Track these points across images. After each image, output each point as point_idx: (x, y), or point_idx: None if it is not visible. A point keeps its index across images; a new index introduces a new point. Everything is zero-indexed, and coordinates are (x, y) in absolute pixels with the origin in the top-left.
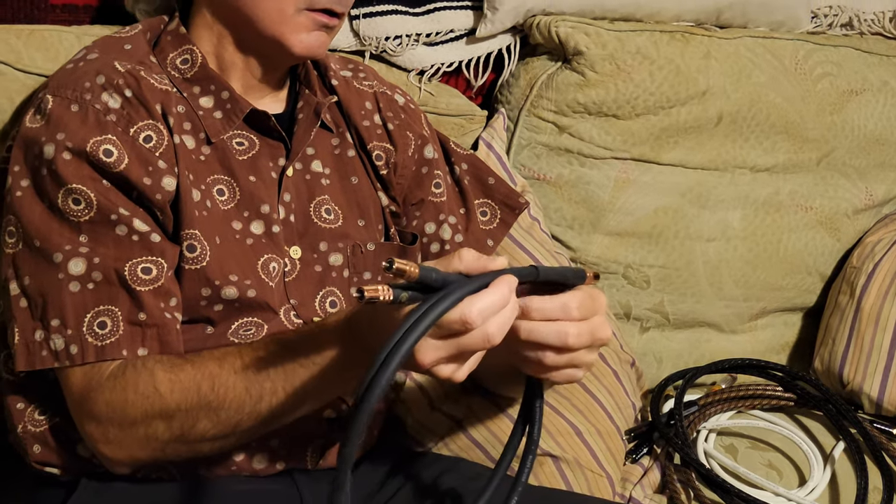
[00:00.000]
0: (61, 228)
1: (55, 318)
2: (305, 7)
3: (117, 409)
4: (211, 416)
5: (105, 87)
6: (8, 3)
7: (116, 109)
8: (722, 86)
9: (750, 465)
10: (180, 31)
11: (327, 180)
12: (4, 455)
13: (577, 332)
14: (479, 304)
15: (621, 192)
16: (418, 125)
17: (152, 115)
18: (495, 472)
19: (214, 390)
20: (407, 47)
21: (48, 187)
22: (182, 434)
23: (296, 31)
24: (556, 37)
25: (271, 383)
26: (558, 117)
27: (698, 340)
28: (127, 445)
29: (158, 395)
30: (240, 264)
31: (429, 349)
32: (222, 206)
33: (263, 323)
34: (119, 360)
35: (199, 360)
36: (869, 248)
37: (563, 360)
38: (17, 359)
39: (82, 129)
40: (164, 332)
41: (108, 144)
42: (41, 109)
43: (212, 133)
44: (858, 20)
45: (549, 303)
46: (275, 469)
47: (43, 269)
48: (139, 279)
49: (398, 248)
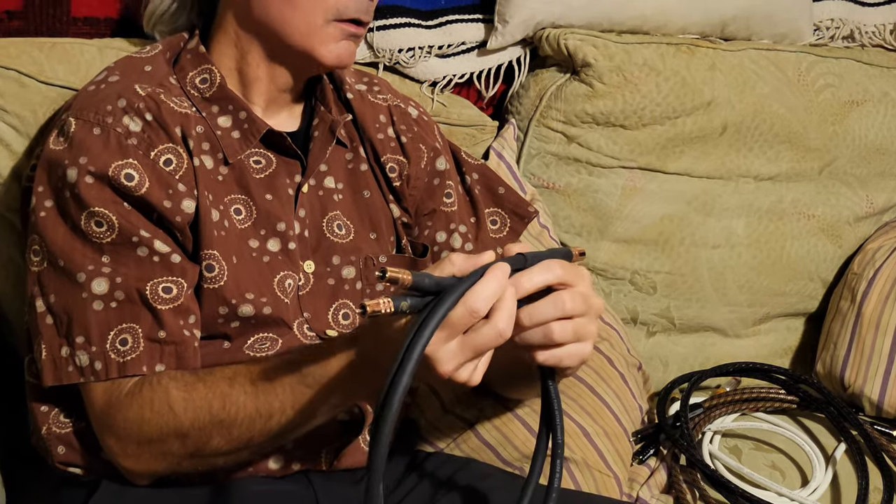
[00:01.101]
0: (84, 249)
1: (80, 336)
2: (334, 18)
3: (134, 426)
4: (223, 434)
5: (126, 110)
6: (30, 17)
7: (137, 133)
8: (726, 97)
9: (754, 466)
10: (200, 51)
11: (339, 195)
12: (27, 457)
13: (570, 295)
14: (480, 293)
15: (628, 200)
16: (431, 137)
17: (172, 139)
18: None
19: (226, 409)
20: (420, 59)
21: (71, 209)
22: (196, 450)
23: (325, 42)
24: (565, 49)
25: (280, 402)
26: (567, 127)
27: (703, 345)
28: (145, 460)
29: (173, 413)
30: (256, 282)
31: (447, 356)
32: (239, 224)
33: (278, 338)
34: (139, 375)
35: (212, 379)
36: (870, 254)
37: (569, 329)
38: (45, 374)
39: (104, 153)
40: (182, 349)
41: (130, 168)
42: (64, 132)
43: (229, 153)
44: (860, 33)
45: (536, 274)
46: (290, 470)
47: (67, 287)
48: (160, 298)
49: (409, 260)
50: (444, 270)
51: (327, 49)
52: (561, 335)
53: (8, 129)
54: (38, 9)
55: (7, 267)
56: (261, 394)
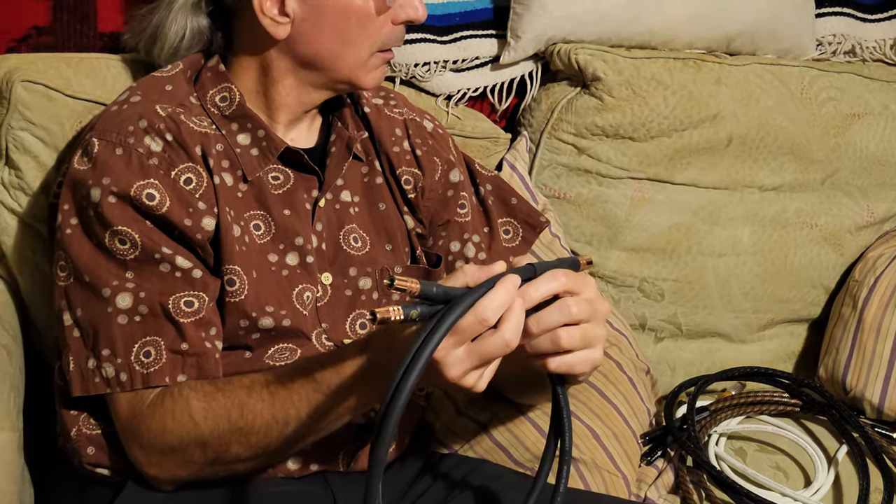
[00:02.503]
0: (109, 265)
1: (106, 348)
2: (378, 50)
3: (157, 436)
4: (242, 441)
5: (147, 130)
6: (58, 32)
7: (158, 153)
8: (732, 110)
9: (758, 468)
10: (220, 69)
11: (356, 209)
12: (53, 458)
13: (575, 301)
14: (490, 303)
15: (637, 210)
16: (445, 150)
17: (192, 158)
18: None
19: (244, 417)
20: (435, 74)
21: (95, 227)
22: (217, 457)
23: (369, 71)
24: (576, 64)
25: (296, 409)
26: (577, 139)
27: (709, 350)
28: (168, 468)
29: (193, 422)
30: (275, 295)
31: (455, 362)
32: (258, 240)
33: (297, 348)
34: (162, 386)
35: (230, 389)
36: (870, 262)
37: (576, 335)
38: (73, 385)
39: (126, 174)
40: (204, 361)
41: (151, 188)
42: (88, 152)
43: (248, 171)
44: (861, 48)
45: (542, 283)
46: (308, 470)
47: (93, 302)
48: (182, 311)
49: (423, 271)
50: (457, 281)
51: (371, 77)
52: (568, 341)
53: (36, 141)
54: (65, 25)
55: (35, 274)
56: (277, 402)
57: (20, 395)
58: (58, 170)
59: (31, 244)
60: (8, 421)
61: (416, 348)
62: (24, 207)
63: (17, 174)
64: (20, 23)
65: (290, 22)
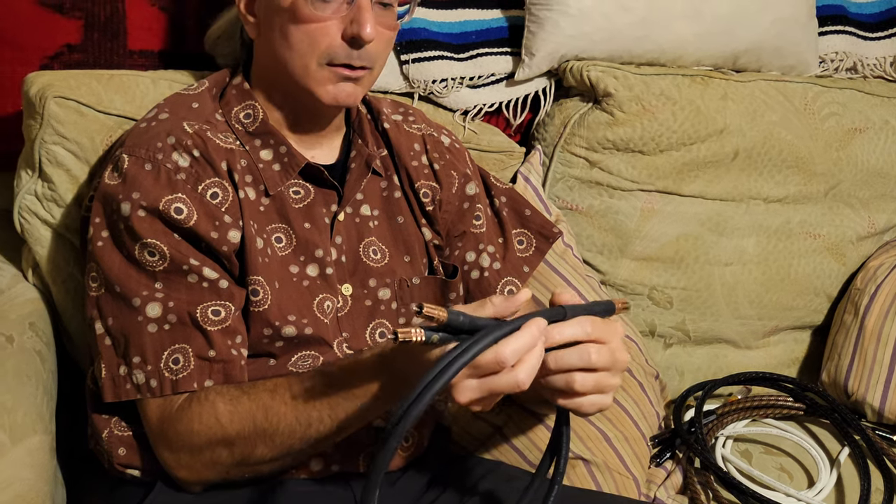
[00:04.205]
0: (139, 276)
1: (136, 356)
2: (327, 62)
3: (185, 438)
4: (266, 442)
5: (175, 147)
6: (89, 50)
7: (186, 168)
8: (738, 124)
9: (763, 469)
10: (244, 87)
11: (375, 222)
12: (86, 460)
13: (597, 349)
14: (511, 346)
15: (646, 220)
16: (462, 164)
17: (218, 173)
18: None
19: (268, 419)
20: (452, 90)
21: (125, 240)
22: (243, 459)
23: (321, 83)
24: (588, 80)
25: (318, 412)
26: (589, 153)
27: (716, 356)
28: (197, 470)
29: (220, 425)
30: (297, 305)
31: (465, 390)
32: (280, 252)
33: (319, 355)
34: (190, 391)
35: (255, 392)
36: (871, 271)
37: (590, 381)
38: (105, 391)
39: (155, 188)
40: (230, 367)
41: (179, 203)
42: (118, 168)
43: (270, 186)
44: (862, 65)
45: (567, 328)
46: (330, 471)
47: (124, 312)
48: (209, 320)
49: (440, 282)
50: (484, 311)
51: (325, 90)
52: (581, 385)
53: (68, 155)
54: (96, 43)
55: (67, 283)
56: (299, 405)
57: (53, 399)
58: (89, 183)
59: (63, 254)
60: (41, 424)
61: (433, 376)
62: (57, 219)
63: (51, 187)
64: (53, 41)
65: (256, 23)
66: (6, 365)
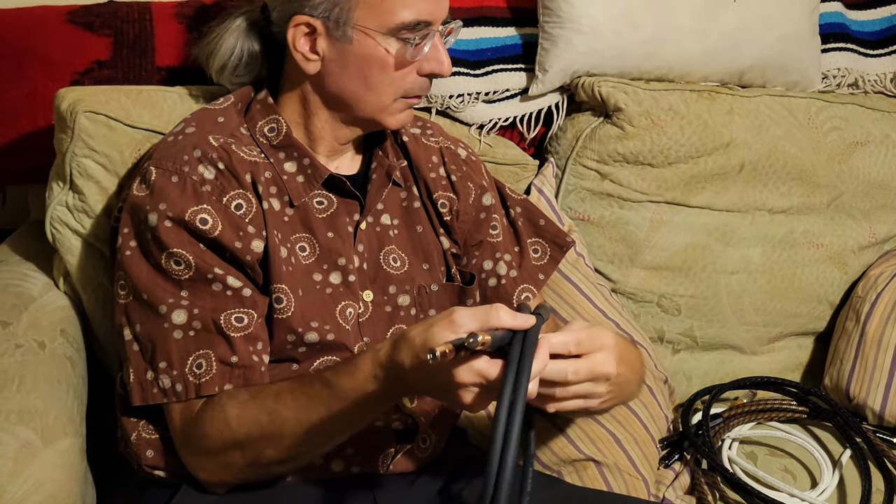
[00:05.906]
0: (165, 285)
1: (163, 361)
2: (402, 96)
3: (202, 442)
4: (274, 445)
5: (201, 159)
6: (118, 66)
7: (211, 180)
8: (744, 138)
9: (768, 470)
10: (269, 102)
11: (395, 231)
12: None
13: (574, 369)
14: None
15: (656, 231)
16: (478, 176)
17: (242, 185)
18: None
19: (273, 422)
20: (468, 104)
21: (153, 249)
22: (254, 460)
23: (393, 114)
24: (599, 95)
25: (319, 415)
26: (601, 166)
27: (723, 361)
28: (215, 472)
29: (230, 428)
30: (320, 312)
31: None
32: (304, 260)
33: (340, 360)
34: (212, 395)
35: (262, 397)
36: (872, 280)
37: (569, 394)
38: (133, 395)
39: (181, 200)
40: (250, 372)
41: (204, 213)
42: (146, 180)
43: (294, 197)
44: (863, 81)
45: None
46: (350, 472)
47: (151, 318)
48: (233, 327)
49: (458, 289)
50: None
51: (394, 119)
52: (562, 395)
53: (98, 167)
54: (125, 59)
55: (97, 291)
56: (301, 408)
57: (83, 403)
58: (118, 194)
59: (93, 263)
60: (72, 427)
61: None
62: (87, 229)
63: (81, 198)
64: (83, 57)
65: (319, 60)
66: (38, 370)
